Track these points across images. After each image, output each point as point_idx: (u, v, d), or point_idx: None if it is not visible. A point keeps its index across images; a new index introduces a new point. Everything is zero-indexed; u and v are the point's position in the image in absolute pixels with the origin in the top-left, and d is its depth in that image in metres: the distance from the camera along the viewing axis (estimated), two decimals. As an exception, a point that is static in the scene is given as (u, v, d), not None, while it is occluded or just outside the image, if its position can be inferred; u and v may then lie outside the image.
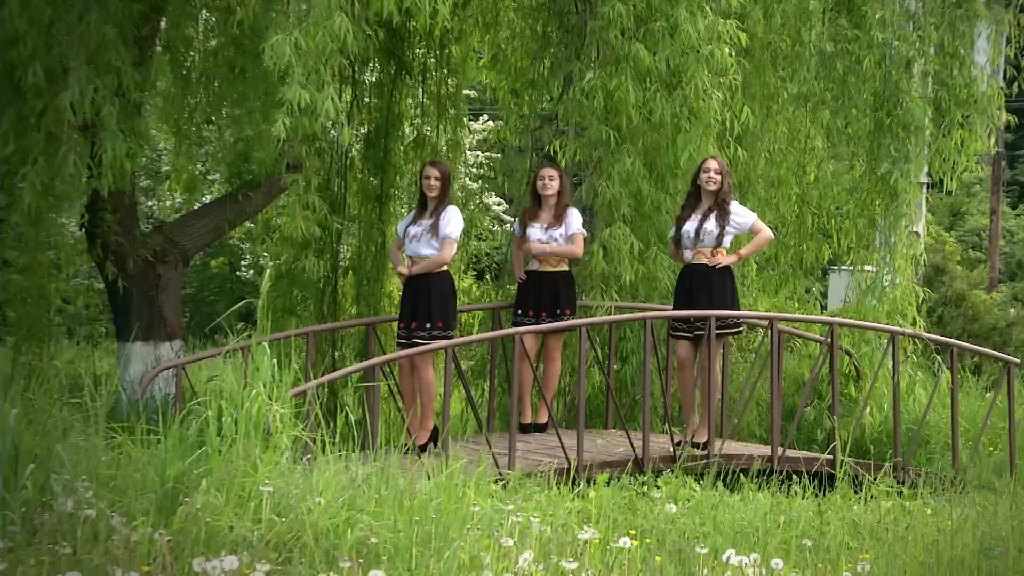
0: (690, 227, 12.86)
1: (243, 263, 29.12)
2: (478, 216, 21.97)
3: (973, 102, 16.11)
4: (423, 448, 12.20)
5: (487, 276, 25.58)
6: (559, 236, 13.31)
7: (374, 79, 17.96)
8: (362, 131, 17.68)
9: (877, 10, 15.90)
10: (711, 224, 12.78)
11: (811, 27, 15.60)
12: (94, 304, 24.89)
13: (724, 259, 12.89)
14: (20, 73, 12.46)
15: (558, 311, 13.37)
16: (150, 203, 26.27)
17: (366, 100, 17.77)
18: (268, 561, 6.14)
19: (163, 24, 15.14)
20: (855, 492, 11.13)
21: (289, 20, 11.83)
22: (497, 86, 17.77)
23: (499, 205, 26.10)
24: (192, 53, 16.25)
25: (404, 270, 12.74)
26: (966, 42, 16.23)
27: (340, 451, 8.27)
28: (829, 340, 13.50)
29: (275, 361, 8.36)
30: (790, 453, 13.19)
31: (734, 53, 13.90)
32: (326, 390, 12.10)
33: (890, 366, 14.07)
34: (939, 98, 16.18)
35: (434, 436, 12.62)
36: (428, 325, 12.59)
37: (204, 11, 15.91)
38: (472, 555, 6.83)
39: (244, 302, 10.53)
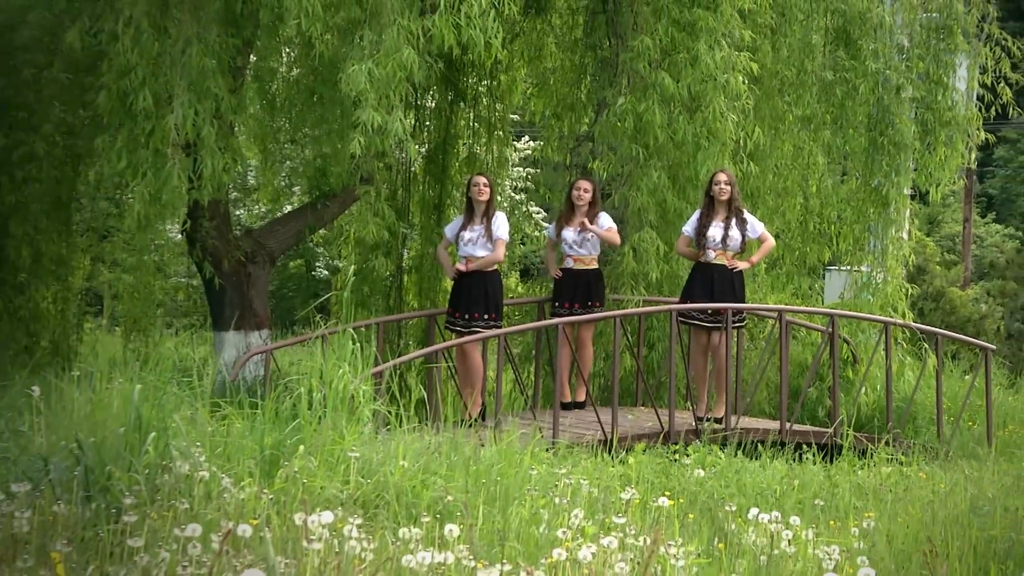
0: (716, 233, 12.92)
1: (317, 264, 29.21)
2: (522, 223, 22.05)
3: (955, 123, 16.07)
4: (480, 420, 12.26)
5: (530, 274, 25.66)
6: (591, 236, 13.36)
7: (433, 104, 18.01)
8: (423, 149, 17.73)
9: (871, 43, 15.89)
10: (735, 232, 12.88)
11: (813, 58, 15.62)
12: (191, 299, 24.98)
13: (742, 264, 13.01)
14: (132, 99, 12.49)
15: (589, 303, 13.43)
16: (238, 212, 26.28)
17: (427, 123, 17.82)
18: (358, 516, 6.14)
19: (252, 57, 15.16)
20: (858, 459, 11.11)
21: (364, 52, 11.87)
22: (540, 110, 17.81)
23: (538, 214, 26.06)
24: (276, 82, 16.31)
25: (462, 267, 12.98)
26: (948, 71, 16.19)
27: (413, 424, 8.30)
28: (830, 329, 13.51)
29: (358, 345, 8.40)
30: (796, 427, 13.19)
31: (747, 81, 13.96)
32: (397, 372, 12.14)
33: (882, 352, 14.08)
34: (925, 119, 16.13)
35: (482, 412, 12.70)
36: (487, 316, 12.87)
37: (286, 47, 15.97)
38: (532, 512, 6.82)
39: (330, 294, 10.59)
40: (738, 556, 6.51)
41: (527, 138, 26.55)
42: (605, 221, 13.43)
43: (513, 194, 24.52)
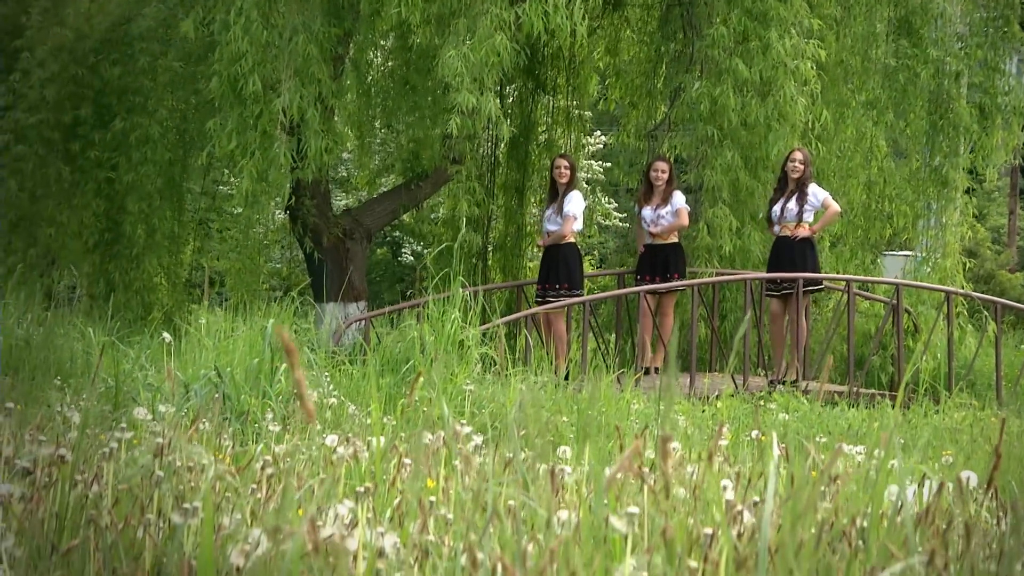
0: (777, 207, 13.01)
1: (403, 250, 29.31)
2: (596, 211, 22.09)
3: (1011, 107, 15.93)
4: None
5: (605, 261, 25.74)
6: (666, 214, 13.39)
7: (515, 95, 18.09)
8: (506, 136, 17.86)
9: (931, 32, 15.81)
10: (792, 204, 12.93)
11: (877, 46, 15.53)
12: (292, 274, 25.17)
13: (801, 232, 12.98)
14: (241, 83, 12.66)
15: (668, 275, 13.46)
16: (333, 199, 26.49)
17: (510, 111, 17.89)
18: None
19: (351, 48, 15.27)
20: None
21: (459, 39, 11.97)
22: (617, 98, 17.83)
23: (609, 203, 26.06)
24: (372, 72, 16.43)
25: (540, 242, 13.47)
26: (1005, 58, 16.06)
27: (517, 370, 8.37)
28: (895, 300, 13.45)
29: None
30: (862, 391, 13.12)
31: (814, 67, 13.92)
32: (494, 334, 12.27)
33: (942, 321, 13.98)
34: (983, 104, 15.99)
35: (565, 376, 12.81)
36: (557, 285, 13.02)
37: (383, 39, 16.08)
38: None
39: (439, 248, 10.61)
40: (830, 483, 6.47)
41: (599, 132, 26.56)
42: (678, 200, 13.48)
43: (586, 185, 24.57)
